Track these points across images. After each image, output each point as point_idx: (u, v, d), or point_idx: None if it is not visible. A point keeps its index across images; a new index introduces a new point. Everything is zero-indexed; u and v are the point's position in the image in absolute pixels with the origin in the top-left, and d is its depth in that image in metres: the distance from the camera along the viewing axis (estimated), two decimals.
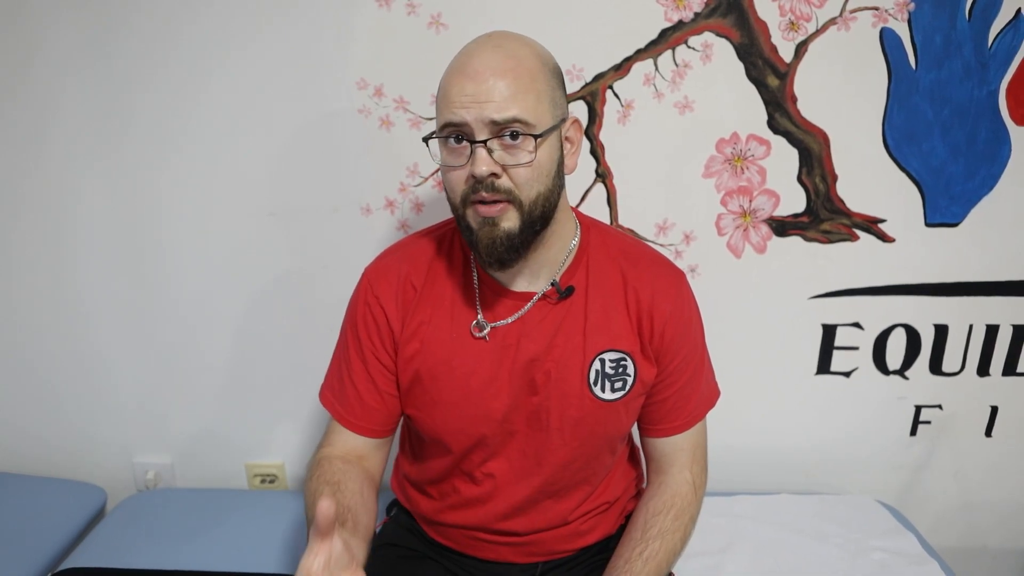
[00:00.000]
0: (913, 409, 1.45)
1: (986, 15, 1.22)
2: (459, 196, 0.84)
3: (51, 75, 1.23)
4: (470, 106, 0.80)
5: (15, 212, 1.32)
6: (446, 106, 0.82)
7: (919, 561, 1.22)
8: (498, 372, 0.92)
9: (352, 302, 0.98)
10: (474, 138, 0.81)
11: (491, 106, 0.79)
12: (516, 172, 0.82)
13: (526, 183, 0.83)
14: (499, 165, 0.81)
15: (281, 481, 1.48)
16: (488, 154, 0.81)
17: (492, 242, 0.84)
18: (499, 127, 0.80)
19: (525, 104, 0.81)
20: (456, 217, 0.88)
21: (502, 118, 0.79)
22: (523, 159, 0.82)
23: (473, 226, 0.85)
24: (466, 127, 0.81)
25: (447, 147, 0.84)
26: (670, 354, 0.96)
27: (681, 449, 1.01)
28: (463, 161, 0.82)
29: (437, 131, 0.85)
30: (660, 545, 0.94)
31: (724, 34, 1.22)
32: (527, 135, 0.81)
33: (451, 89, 0.82)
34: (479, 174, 0.80)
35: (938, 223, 1.33)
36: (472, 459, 0.97)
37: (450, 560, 1.04)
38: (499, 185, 0.82)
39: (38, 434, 1.46)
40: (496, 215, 0.83)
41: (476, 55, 0.82)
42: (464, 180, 0.83)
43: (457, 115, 0.80)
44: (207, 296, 1.36)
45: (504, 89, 0.80)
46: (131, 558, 1.21)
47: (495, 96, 0.79)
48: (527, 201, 0.83)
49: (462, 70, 0.82)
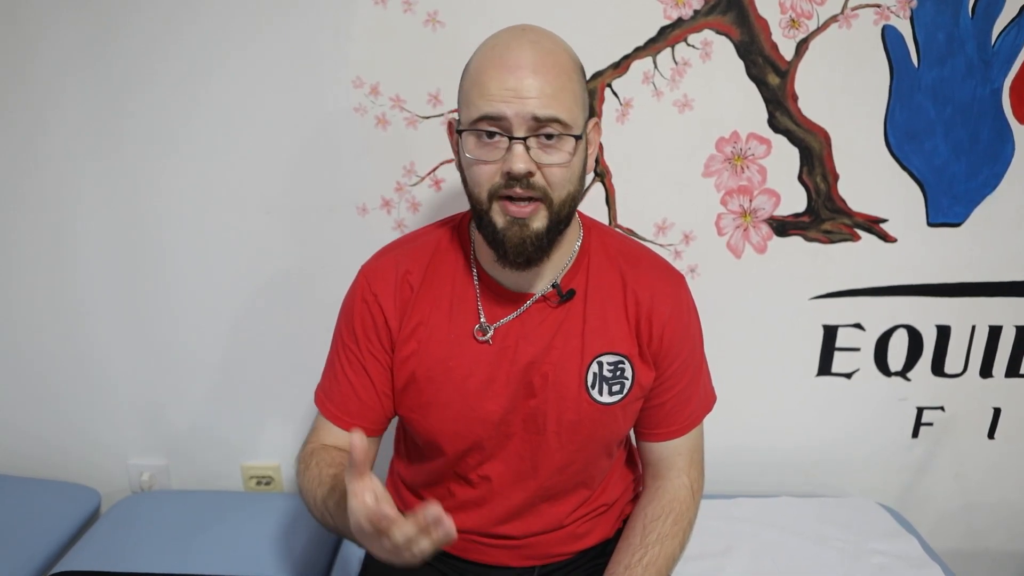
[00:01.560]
0: (915, 411, 1.44)
1: (989, 12, 1.21)
2: (487, 191, 0.82)
3: (50, 75, 1.23)
4: (511, 100, 0.78)
5: (13, 212, 1.31)
6: (482, 97, 0.79)
7: (920, 564, 1.21)
8: (496, 374, 0.92)
9: (348, 300, 0.97)
10: (512, 133, 0.79)
11: (533, 102, 0.78)
12: (551, 172, 0.81)
13: (559, 183, 0.82)
14: (535, 163, 0.80)
15: (277, 483, 1.48)
16: (526, 151, 0.79)
17: (522, 242, 0.82)
18: (539, 124, 0.79)
19: (564, 103, 0.80)
20: (477, 212, 0.85)
21: (544, 115, 0.78)
22: (559, 159, 0.81)
23: (499, 224, 0.83)
24: (504, 121, 0.79)
25: (478, 141, 0.81)
26: (669, 358, 0.95)
27: (679, 453, 1.00)
28: (497, 156, 0.80)
29: (468, 123, 0.81)
30: (659, 551, 0.93)
31: (724, 32, 1.21)
32: (566, 135, 0.80)
33: (489, 81, 0.79)
34: (517, 171, 0.79)
35: (940, 223, 1.32)
36: (467, 462, 0.96)
37: (446, 564, 1.03)
38: (533, 183, 0.81)
39: (32, 435, 1.46)
40: (528, 215, 0.82)
41: (515, 49, 0.80)
42: (495, 175, 0.81)
43: (497, 108, 0.78)
44: (203, 296, 1.35)
45: (546, 86, 0.78)
46: (126, 561, 1.20)
47: (537, 92, 0.78)
48: (558, 201, 0.83)
49: (501, 62, 0.79)
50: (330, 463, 0.89)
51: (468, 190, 0.86)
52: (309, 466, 0.91)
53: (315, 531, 1.30)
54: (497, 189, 0.81)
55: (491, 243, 0.85)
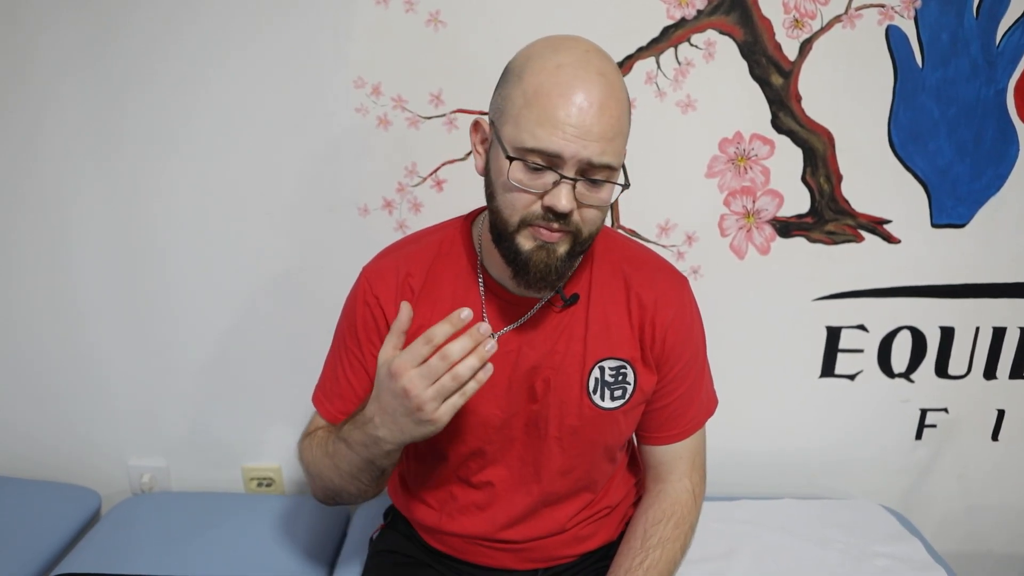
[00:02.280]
0: (918, 412, 1.44)
1: (994, 13, 1.20)
2: (519, 216, 0.80)
3: (50, 75, 1.22)
4: (572, 140, 0.75)
5: (12, 213, 1.31)
6: (541, 127, 0.75)
7: (924, 567, 1.21)
8: (498, 379, 0.91)
9: (350, 302, 0.96)
10: (563, 172, 0.77)
11: (592, 147, 0.76)
12: (587, 212, 0.81)
13: (591, 221, 0.82)
14: (576, 203, 0.79)
15: (278, 485, 1.47)
16: (572, 190, 0.78)
17: (547, 267, 0.82)
18: (591, 169, 0.77)
19: (618, 149, 0.79)
20: (500, 231, 0.83)
21: (600, 163, 0.77)
22: (599, 202, 0.81)
23: (525, 247, 0.81)
24: (559, 159, 0.76)
25: (525, 167, 0.77)
26: (671, 361, 0.94)
27: (680, 457, 0.99)
28: (540, 188, 0.78)
29: (519, 148, 0.77)
30: (661, 554, 0.93)
31: (727, 32, 1.20)
32: (611, 183, 0.80)
33: (554, 112, 0.75)
34: (561, 209, 0.77)
35: (944, 224, 1.31)
36: (470, 466, 0.96)
37: (448, 567, 1.03)
38: (571, 220, 0.80)
39: (32, 437, 1.45)
40: (556, 242, 0.81)
41: (583, 80, 0.76)
42: (533, 203, 0.79)
43: (556, 146, 0.75)
44: (204, 297, 1.34)
45: (607, 131, 0.76)
46: (126, 562, 1.20)
47: (597, 137, 0.76)
48: (586, 234, 0.83)
49: (568, 92, 0.75)
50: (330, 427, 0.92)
51: (495, 206, 0.82)
52: (313, 437, 0.93)
53: (317, 533, 1.30)
54: (531, 218, 0.80)
55: (512, 263, 0.83)
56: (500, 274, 0.91)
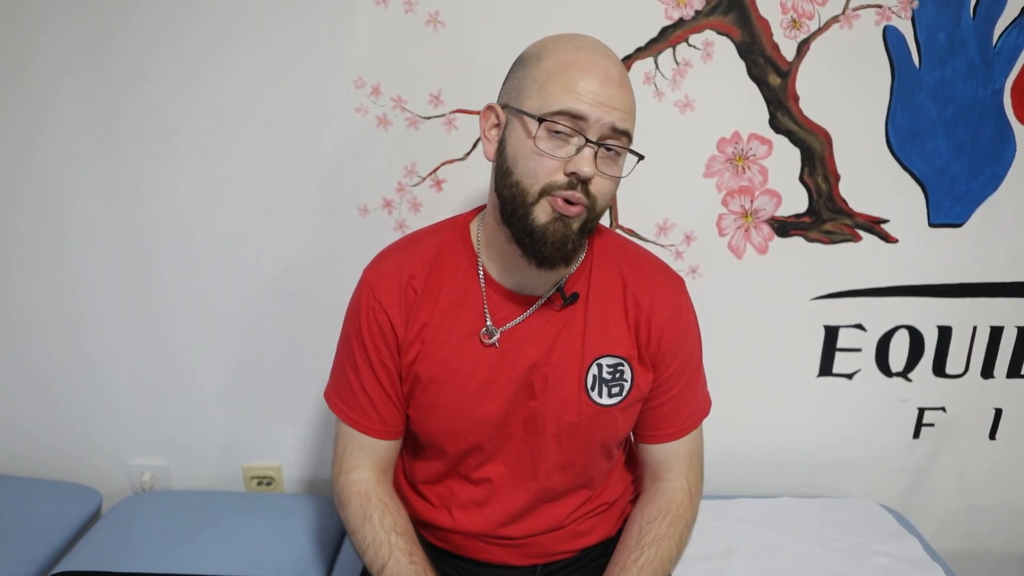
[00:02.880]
0: (916, 411, 1.44)
1: (991, 13, 1.20)
2: (541, 185, 0.81)
3: (50, 75, 1.22)
4: (597, 106, 0.79)
5: (12, 213, 1.31)
6: (568, 93, 0.79)
7: (922, 565, 1.21)
8: (497, 376, 0.92)
9: (353, 307, 0.97)
10: (587, 135, 0.80)
11: (616, 114, 0.80)
12: (603, 182, 0.82)
13: (605, 194, 0.84)
14: (597, 170, 0.81)
15: (278, 483, 1.47)
16: (594, 157, 0.80)
17: (564, 239, 0.83)
18: (613, 135, 0.81)
19: (634, 118, 0.84)
20: (516, 203, 0.83)
21: (622, 128, 0.81)
22: (614, 172, 0.84)
23: (542, 220, 0.82)
24: (583, 122, 0.79)
25: (549, 134, 0.80)
26: (667, 360, 0.95)
27: (677, 456, 1.00)
28: (563, 155, 0.80)
29: (546, 112, 0.80)
30: (655, 552, 0.93)
31: (725, 32, 1.21)
32: (630, 151, 0.84)
33: (577, 82, 0.79)
34: (584, 174, 0.79)
35: (942, 223, 1.32)
36: (468, 462, 0.96)
37: (448, 563, 1.03)
38: (589, 189, 0.81)
39: (32, 435, 1.45)
40: (574, 216, 0.82)
41: (601, 59, 0.81)
42: (556, 171, 0.81)
43: (583, 109, 0.79)
44: (203, 297, 1.35)
45: (627, 103, 0.82)
46: (126, 561, 1.20)
47: (619, 105, 0.80)
48: (598, 210, 0.84)
49: (590, 67, 0.80)
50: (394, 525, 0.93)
51: (514, 179, 0.83)
52: (369, 518, 0.93)
53: (317, 531, 1.30)
54: (553, 187, 0.81)
55: (526, 238, 0.83)
56: (500, 272, 0.92)
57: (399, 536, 0.92)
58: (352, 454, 0.97)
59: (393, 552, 0.90)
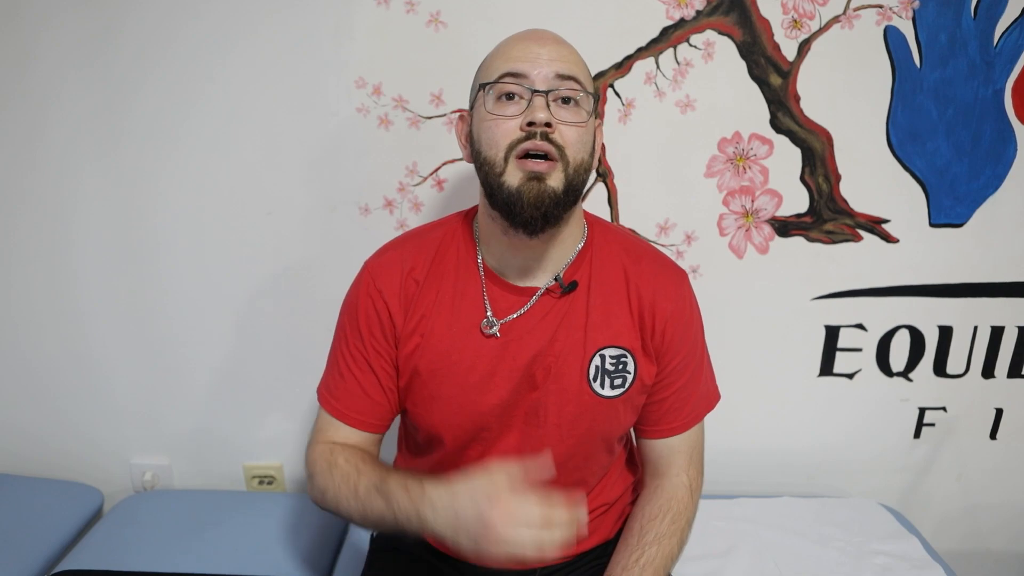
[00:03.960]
0: (917, 411, 1.44)
1: (992, 13, 1.20)
2: (504, 148, 0.83)
3: (50, 75, 1.23)
4: (535, 60, 0.83)
5: (12, 212, 1.31)
6: (506, 60, 0.84)
7: (922, 565, 1.21)
8: (498, 367, 0.91)
9: (352, 295, 0.97)
10: (535, 88, 0.82)
11: (557, 64, 0.83)
12: (568, 130, 0.83)
13: (575, 143, 0.84)
14: (553, 116, 0.82)
15: (279, 482, 1.48)
16: (546, 105, 0.82)
17: (540, 197, 0.82)
18: (559, 82, 0.83)
19: (583, 71, 0.87)
20: (490, 178, 0.85)
21: (565, 72, 0.83)
22: (576, 118, 0.84)
23: (515, 183, 0.83)
24: (526, 79, 0.83)
25: (498, 101, 0.84)
26: (670, 353, 0.95)
27: (678, 452, 0.99)
28: (516, 112, 0.83)
29: (489, 80, 0.84)
30: (657, 551, 0.93)
31: (726, 32, 1.21)
32: (585, 93, 0.85)
33: (513, 48, 0.85)
34: (538, 119, 0.81)
35: (943, 223, 1.32)
36: (468, 455, 0.96)
37: (448, 564, 1.03)
38: (552, 138, 0.82)
39: (34, 435, 1.46)
40: (545, 171, 0.82)
41: (534, 31, 0.88)
42: (513, 131, 0.82)
43: (520, 66, 0.83)
44: (204, 296, 1.35)
45: (566, 54, 0.86)
46: (128, 560, 1.20)
47: (558, 56, 0.84)
48: (573, 163, 0.84)
49: (524, 36, 0.87)
50: (362, 458, 0.89)
51: (482, 157, 0.85)
52: (335, 464, 0.90)
53: (318, 530, 1.30)
54: (515, 144, 0.82)
55: (504, 207, 0.84)
56: (499, 263, 0.92)
57: (366, 464, 0.88)
58: (324, 434, 0.95)
59: (362, 472, 0.87)
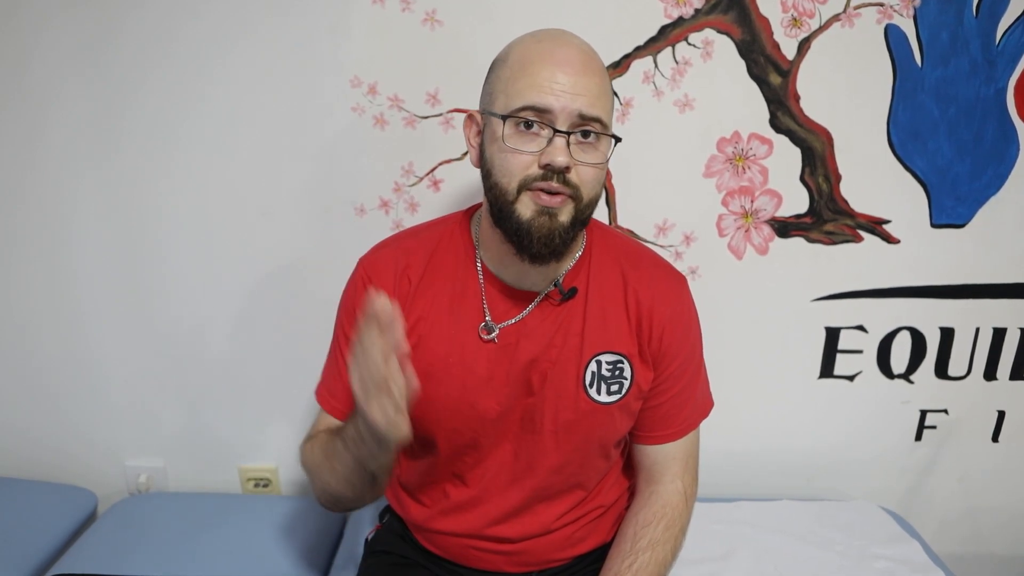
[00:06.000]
0: (918, 413, 1.43)
1: (994, 11, 1.19)
2: (518, 181, 0.81)
3: (49, 75, 1.22)
4: (560, 95, 0.79)
5: (11, 213, 1.31)
6: (530, 88, 0.80)
7: (923, 568, 1.20)
8: (495, 372, 0.91)
9: (347, 292, 0.96)
10: (556, 126, 0.79)
11: (582, 100, 0.79)
12: (585, 171, 0.82)
13: (591, 183, 0.83)
14: (573, 159, 0.80)
15: (275, 485, 1.47)
16: (567, 146, 0.79)
17: (550, 233, 0.82)
18: (582, 122, 0.80)
19: (606, 107, 0.83)
20: (499, 204, 0.83)
21: (590, 114, 0.80)
22: (595, 159, 0.82)
23: (526, 215, 0.82)
24: (549, 114, 0.79)
25: (517, 130, 0.81)
26: (667, 358, 0.94)
27: (673, 458, 0.99)
28: (535, 148, 0.80)
29: (511, 109, 0.81)
30: (650, 557, 0.92)
31: (725, 31, 1.20)
32: (604, 135, 0.82)
33: (539, 73, 0.80)
34: (558, 164, 0.79)
35: (944, 224, 1.31)
36: (463, 460, 0.95)
37: (443, 568, 1.02)
38: (569, 179, 0.81)
39: (29, 436, 1.45)
40: (557, 206, 0.81)
41: (563, 48, 0.82)
42: (530, 165, 0.81)
43: (545, 100, 0.79)
44: (201, 297, 1.34)
45: (594, 87, 0.81)
46: (122, 563, 1.20)
47: (584, 91, 0.80)
48: (586, 200, 0.83)
49: (550, 58, 0.80)
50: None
51: (493, 180, 0.84)
52: (315, 444, 0.91)
53: (313, 534, 1.30)
54: (530, 180, 0.81)
55: (514, 236, 0.83)
56: (498, 267, 0.91)
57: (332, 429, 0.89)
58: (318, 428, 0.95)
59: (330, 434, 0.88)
